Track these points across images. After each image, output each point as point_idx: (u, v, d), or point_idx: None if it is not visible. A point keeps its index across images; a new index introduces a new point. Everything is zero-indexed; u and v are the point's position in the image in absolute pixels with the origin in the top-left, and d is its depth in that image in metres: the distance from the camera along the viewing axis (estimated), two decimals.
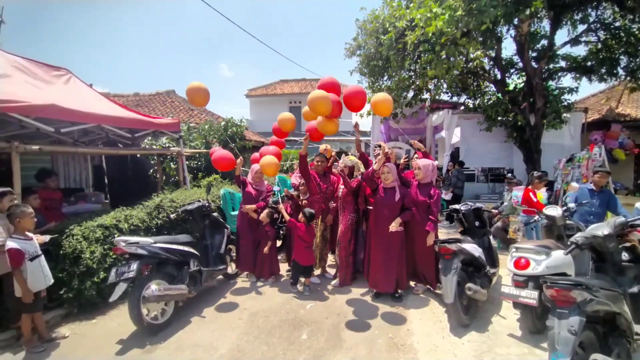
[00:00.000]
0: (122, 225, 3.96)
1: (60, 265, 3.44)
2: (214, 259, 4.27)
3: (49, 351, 2.88)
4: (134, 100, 11.93)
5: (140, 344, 3.02)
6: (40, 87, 4.04)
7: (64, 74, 4.69)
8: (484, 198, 8.91)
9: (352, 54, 9.21)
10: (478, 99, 9.04)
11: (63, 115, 3.77)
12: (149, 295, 3.10)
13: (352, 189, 4.17)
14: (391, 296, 3.88)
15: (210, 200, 5.07)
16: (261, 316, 3.55)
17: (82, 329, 3.32)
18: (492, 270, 3.72)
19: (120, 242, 3.21)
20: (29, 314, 2.86)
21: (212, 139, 8.30)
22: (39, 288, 2.91)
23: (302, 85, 20.45)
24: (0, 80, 3.58)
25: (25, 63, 4.20)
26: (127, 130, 5.18)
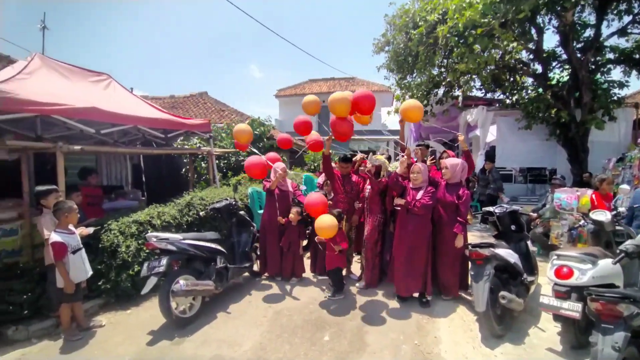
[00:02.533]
0: (155, 222, 4.15)
1: (99, 258, 3.66)
2: (240, 256, 4.36)
3: (86, 339, 3.08)
4: (170, 102, 12.53)
5: (169, 336, 3.13)
6: (82, 91, 4.32)
7: (105, 79, 4.99)
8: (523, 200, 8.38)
9: (380, 50, 9.03)
10: (515, 95, 8.51)
11: (103, 117, 4.02)
12: (178, 290, 3.21)
13: (379, 189, 4.07)
14: (418, 301, 3.74)
15: (238, 198, 5.19)
16: (285, 315, 3.56)
17: (118, 318, 3.51)
18: (529, 278, 3.47)
19: (152, 237, 3.36)
20: (69, 304, 3.07)
21: None
22: (80, 279, 3.12)
23: (330, 85, 20.42)
24: (45, 85, 3.86)
25: (68, 68, 4.52)
26: (161, 131, 5.43)
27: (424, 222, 3.66)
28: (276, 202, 4.47)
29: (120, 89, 5.13)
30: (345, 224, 4.45)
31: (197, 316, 3.46)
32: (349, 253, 4.58)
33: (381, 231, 4.13)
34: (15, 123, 3.86)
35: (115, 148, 5.35)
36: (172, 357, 2.82)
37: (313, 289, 4.24)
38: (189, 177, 6.74)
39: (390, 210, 4.19)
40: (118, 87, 5.17)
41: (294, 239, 4.42)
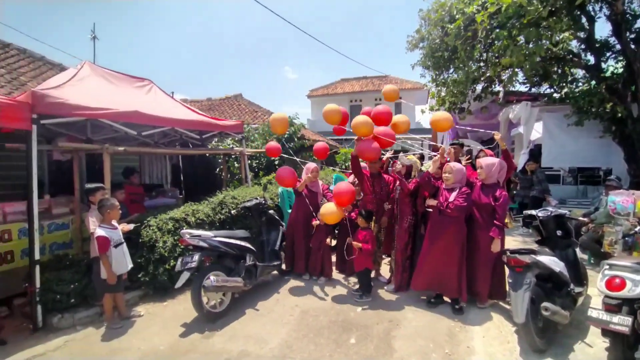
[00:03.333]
0: (190, 219, 4.34)
1: (140, 252, 3.89)
2: (269, 254, 4.43)
3: (126, 328, 3.29)
4: (207, 104, 13.09)
5: (200, 329, 3.26)
6: (127, 96, 4.63)
7: (147, 84, 5.31)
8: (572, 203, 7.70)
9: (414, 47, 8.73)
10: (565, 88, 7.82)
11: (144, 120, 4.27)
12: (208, 285, 3.32)
13: (410, 191, 3.93)
14: (451, 307, 3.56)
15: (268, 197, 5.29)
16: (311, 315, 3.56)
17: (155, 309, 3.72)
18: (577, 289, 3.17)
19: (186, 234, 3.51)
20: (111, 294, 3.30)
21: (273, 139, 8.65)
22: (121, 272, 3.34)
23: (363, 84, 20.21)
24: (94, 91, 4.18)
25: (114, 75, 4.87)
26: (197, 132, 5.67)
27: (457, 224, 3.48)
28: (304, 202, 4.48)
29: (160, 93, 5.44)
30: (375, 225, 4.36)
31: (227, 312, 3.57)
32: (378, 255, 4.48)
33: (412, 233, 4.00)
34: (68, 126, 4.21)
35: (155, 149, 5.68)
36: (202, 350, 2.93)
37: (341, 290, 4.20)
38: (223, 177, 6.97)
39: (421, 212, 4.04)
40: (159, 91, 5.48)
41: (323, 239, 4.41)
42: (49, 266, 3.62)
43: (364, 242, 3.77)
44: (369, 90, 19.38)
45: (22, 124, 3.08)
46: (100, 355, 2.86)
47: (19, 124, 3.07)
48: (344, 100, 19.59)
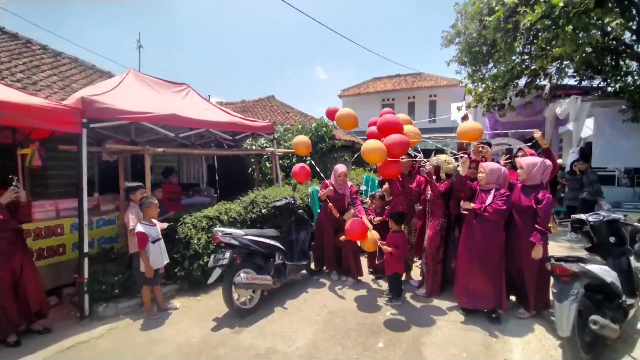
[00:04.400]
0: (222, 217, 4.49)
1: (176, 248, 4.09)
2: (298, 254, 4.47)
3: (163, 319, 3.48)
4: (241, 106, 13.51)
5: (231, 324, 3.36)
6: (166, 100, 4.89)
7: (184, 89, 5.58)
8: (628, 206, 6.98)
9: (449, 43, 8.40)
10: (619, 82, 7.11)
11: (181, 122, 4.49)
12: (239, 282, 3.42)
13: (440, 193, 3.78)
14: (487, 316, 3.36)
15: (298, 197, 5.34)
16: (339, 316, 3.53)
17: (190, 303, 3.89)
18: (629, 300, 2.86)
19: (218, 232, 3.63)
20: (149, 287, 3.50)
21: None
22: (158, 266, 3.53)
23: (395, 82, 19.75)
24: (137, 96, 4.46)
25: (155, 81, 5.17)
26: (231, 133, 5.86)
27: (495, 228, 3.28)
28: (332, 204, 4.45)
29: (196, 97, 5.68)
30: (405, 228, 4.24)
31: (256, 309, 3.65)
32: (409, 258, 4.35)
33: (444, 236, 3.83)
34: (114, 129, 4.54)
35: (192, 150, 5.95)
36: (232, 345, 3.01)
37: (370, 292, 4.13)
38: (255, 176, 7.15)
39: (455, 215, 3.87)
40: (195, 95, 5.73)
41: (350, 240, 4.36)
42: (96, 259, 3.92)
43: (395, 246, 3.68)
44: (402, 89, 18.91)
45: (74, 127, 3.36)
46: (139, 344, 3.04)
47: (70, 128, 3.35)
48: (375, 100, 19.30)
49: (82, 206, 3.43)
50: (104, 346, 3.02)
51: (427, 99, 19.12)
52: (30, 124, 3.15)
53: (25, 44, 7.01)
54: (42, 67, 6.31)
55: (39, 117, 3.09)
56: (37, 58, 6.60)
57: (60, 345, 2.99)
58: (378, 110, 4.54)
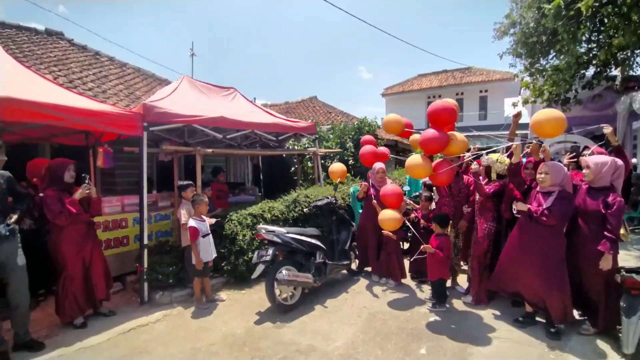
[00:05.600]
0: (266, 215, 4.65)
1: (223, 244, 4.32)
2: (339, 253, 4.47)
3: (211, 310, 3.69)
4: (284, 108, 13.87)
5: (273, 319, 3.47)
6: (215, 104, 5.19)
7: (232, 92, 5.88)
8: None
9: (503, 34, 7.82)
10: None
11: (228, 124, 4.73)
12: (281, 279, 3.52)
13: (487, 195, 3.54)
14: (545, 329, 3.08)
15: (340, 197, 5.35)
16: (379, 318, 3.48)
17: (235, 296, 4.09)
18: None
19: (262, 229, 3.77)
20: (199, 278, 3.74)
21: (346, 139, 8.71)
22: (207, 259, 3.76)
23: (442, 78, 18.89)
24: (189, 101, 4.79)
25: (206, 87, 5.51)
26: (274, 134, 6.05)
27: (555, 235, 2.97)
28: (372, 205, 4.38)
29: (242, 100, 5.95)
30: (452, 231, 4.05)
31: (297, 305, 3.72)
32: (455, 262, 4.15)
33: (493, 241, 3.59)
34: (170, 132, 4.93)
35: (238, 150, 6.24)
36: (273, 339, 3.11)
37: (412, 296, 4.01)
38: (297, 176, 7.30)
39: (507, 219, 3.60)
40: (241, 98, 6.01)
41: (393, 241, 4.27)
42: (154, 250, 4.28)
43: (439, 250, 3.53)
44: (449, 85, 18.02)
45: (136, 131, 3.71)
46: (190, 331, 3.26)
47: (134, 131, 3.70)
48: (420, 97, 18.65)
49: (142, 202, 3.78)
50: (160, 330, 3.29)
51: (477, 94, 18.03)
52: (101, 128, 3.53)
53: (95, 55, 7.89)
54: (110, 76, 7.05)
55: (108, 122, 3.45)
56: (105, 69, 7.38)
57: (123, 328, 3.31)
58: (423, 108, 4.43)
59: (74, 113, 3.14)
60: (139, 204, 3.82)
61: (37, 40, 7.16)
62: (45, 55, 6.43)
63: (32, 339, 2.93)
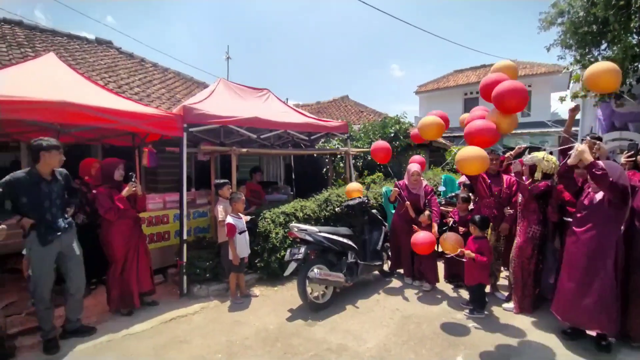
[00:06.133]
0: (298, 214, 4.71)
1: (256, 241, 4.43)
2: (370, 254, 4.42)
3: (245, 304, 3.80)
4: (316, 107, 13.95)
5: (304, 317, 3.50)
6: (249, 105, 5.34)
7: (265, 94, 6.01)
8: None
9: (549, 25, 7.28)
10: None
11: (261, 124, 4.85)
12: (312, 277, 3.54)
13: (532, 196, 3.32)
14: (594, 342, 2.84)
15: (371, 197, 5.29)
16: (413, 322, 3.39)
17: (267, 292, 4.18)
18: None
19: (294, 227, 3.82)
20: (235, 274, 3.86)
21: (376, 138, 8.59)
22: (243, 255, 3.88)
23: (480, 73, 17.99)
24: (225, 103, 4.96)
25: (241, 88, 5.68)
26: (306, 133, 6.10)
27: (609, 238, 2.74)
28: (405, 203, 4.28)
29: (275, 100, 6.07)
30: (492, 234, 3.85)
31: (328, 304, 3.73)
32: (495, 268, 3.95)
33: (537, 246, 3.36)
34: (207, 132, 5.13)
35: (271, 150, 6.37)
36: (304, 336, 3.14)
37: (448, 301, 3.87)
38: (329, 175, 7.31)
39: (554, 222, 3.36)
40: (274, 99, 6.13)
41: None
42: (192, 245, 4.49)
43: (478, 253, 3.37)
44: None
45: (177, 131, 3.91)
46: (225, 324, 3.38)
47: (175, 132, 3.90)
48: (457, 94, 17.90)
49: (182, 199, 3.97)
50: (197, 321, 3.44)
51: None
52: (146, 129, 3.76)
53: (140, 62, 8.42)
54: (154, 81, 7.49)
55: (153, 124, 3.67)
56: (149, 74, 7.86)
57: (164, 317, 3.50)
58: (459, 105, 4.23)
59: (123, 116, 3.37)
60: (179, 201, 4.02)
61: (89, 48, 7.77)
62: (96, 63, 6.97)
63: (83, 325, 3.18)
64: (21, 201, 2.75)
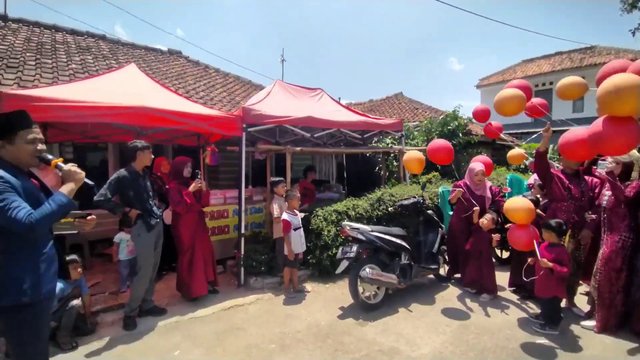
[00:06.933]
0: (350, 212, 4.69)
1: (309, 238, 4.51)
2: (425, 256, 4.22)
3: (297, 299, 3.90)
4: (368, 106, 13.75)
5: (355, 316, 3.48)
6: (303, 105, 5.46)
7: (318, 93, 6.09)
8: None
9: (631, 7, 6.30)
10: None
11: (315, 123, 4.92)
12: (364, 276, 3.50)
13: (627, 199, 2.87)
14: None
15: (427, 197, 5.05)
16: (472, 332, 3.16)
17: (319, 289, 4.23)
18: None
19: (346, 226, 3.81)
20: (289, 269, 3.98)
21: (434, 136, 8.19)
22: (298, 251, 3.99)
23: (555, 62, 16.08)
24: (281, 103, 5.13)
25: (295, 89, 5.83)
26: (359, 132, 6.05)
27: None
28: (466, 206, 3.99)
29: (328, 100, 6.12)
30: (569, 241, 3.43)
31: (380, 305, 3.66)
32: (573, 280, 3.50)
33: (627, 257, 2.91)
34: (263, 132, 5.36)
35: (324, 149, 6.43)
36: (355, 335, 3.12)
37: (512, 313, 3.54)
38: (381, 175, 7.16)
39: None
40: (327, 98, 6.18)
41: (485, 248, 3.84)
42: (248, 240, 4.73)
43: (556, 262, 3.00)
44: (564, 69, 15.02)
45: (237, 131, 4.15)
46: (279, 316, 3.50)
47: (235, 132, 4.15)
48: None
49: (241, 196, 4.21)
50: (253, 312, 3.62)
51: None
52: (211, 130, 4.06)
53: (204, 68, 9.10)
54: (216, 85, 8.05)
55: (216, 124, 3.96)
56: (212, 79, 8.46)
57: (224, 305, 3.75)
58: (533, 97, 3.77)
59: (191, 118, 3.70)
60: (238, 197, 4.26)
61: (162, 58, 8.63)
62: (168, 71, 7.71)
63: (156, 306, 3.55)
64: (129, 195, 3.21)
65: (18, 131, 1.58)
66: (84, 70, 5.88)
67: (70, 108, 3.02)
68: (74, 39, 7.49)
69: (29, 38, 6.54)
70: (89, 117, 3.18)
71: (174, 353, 2.84)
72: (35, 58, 5.64)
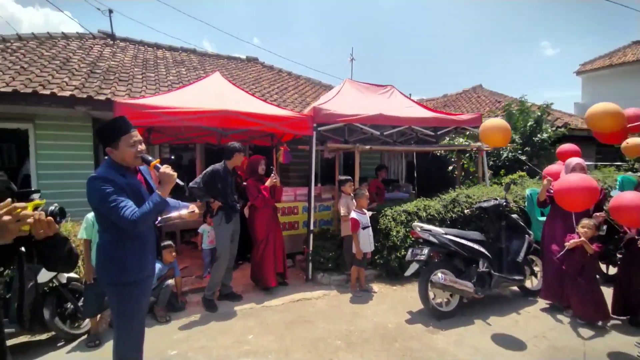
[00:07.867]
0: (421, 213, 4.48)
1: (377, 238, 4.43)
2: (508, 265, 3.80)
3: (364, 299, 3.87)
4: (442, 101, 12.88)
5: (425, 322, 3.31)
6: (373, 102, 5.37)
7: (389, 90, 5.94)
8: None
9: None
10: None
11: (385, 121, 4.82)
12: (436, 281, 3.30)
13: None
14: None
15: (511, 200, 4.55)
16: (569, 357, 2.75)
17: (385, 290, 4.14)
18: None
19: (417, 227, 3.64)
20: (357, 267, 3.98)
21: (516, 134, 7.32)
22: (366, 250, 3.96)
23: None
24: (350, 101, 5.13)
25: (365, 86, 5.78)
26: (432, 129, 5.73)
27: None
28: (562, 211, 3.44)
29: (399, 96, 5.92)
30: None
31: (453, 314, 3.42)
32: None
33: None
34: (332, 131, 5.43)
35: (393, 147, 6.25)
36: (425, 342, 2.96)
37: (618, 338, 2.98)
38: (456, 174, 6.67)
39: None
40: (398, 94, 5.98)
41: (587, 262, 3.25)
42: (317, 236, 4.85)
43: None
44: None
45: (308, 131, 4.29)
46: (345, 313, 3.52)
47: (306, 132, 4.30)
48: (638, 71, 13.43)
49: (310, 193, 4.35)
50: (320, 306, 3.71)
51: None
52: (284, 130, 4.29)
53: (278, 72, 9.62)
54: (289, 88, 8.44)
55: (289, 125, 4.16)
56: (285, 82, 8.90)
57: (292, 297, 3.92)
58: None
59: (267, 119, 3.97)
60: (308, 194, 4.41)
61: (241, 65, 9.39)
62: (246, 77, 8.35)
63: (233, 292, 3.88)
64: (217, 187, 3.60)
65: (121, 137, 1.82)
66: (179, 80, 6.73)
67: (169, 114, 3.50)
68: (171, 54, 8.63)
69: (135, 55, 7.73)
70: (183, 121, 3.63)
71: (248, 337, 3.07)
72: (141, 72, 6.64)
